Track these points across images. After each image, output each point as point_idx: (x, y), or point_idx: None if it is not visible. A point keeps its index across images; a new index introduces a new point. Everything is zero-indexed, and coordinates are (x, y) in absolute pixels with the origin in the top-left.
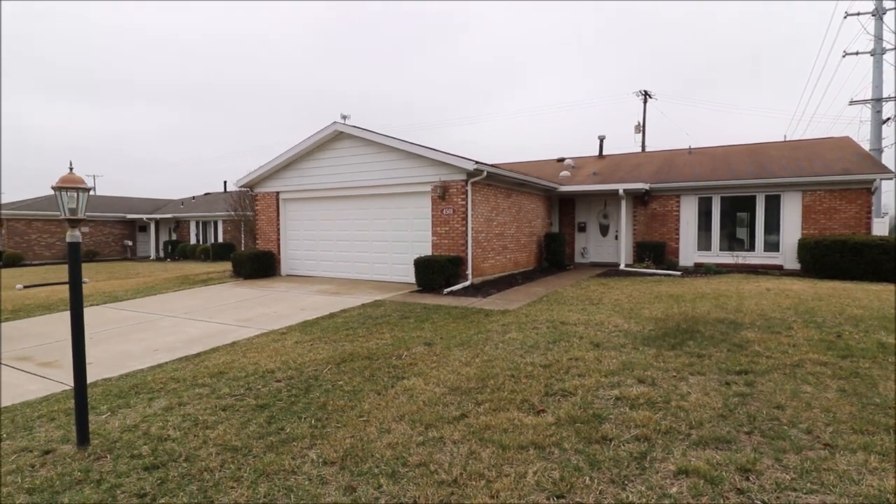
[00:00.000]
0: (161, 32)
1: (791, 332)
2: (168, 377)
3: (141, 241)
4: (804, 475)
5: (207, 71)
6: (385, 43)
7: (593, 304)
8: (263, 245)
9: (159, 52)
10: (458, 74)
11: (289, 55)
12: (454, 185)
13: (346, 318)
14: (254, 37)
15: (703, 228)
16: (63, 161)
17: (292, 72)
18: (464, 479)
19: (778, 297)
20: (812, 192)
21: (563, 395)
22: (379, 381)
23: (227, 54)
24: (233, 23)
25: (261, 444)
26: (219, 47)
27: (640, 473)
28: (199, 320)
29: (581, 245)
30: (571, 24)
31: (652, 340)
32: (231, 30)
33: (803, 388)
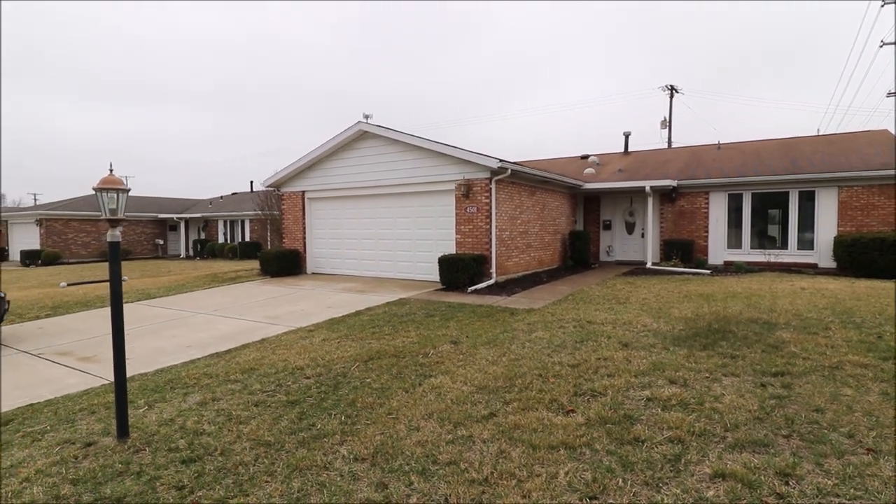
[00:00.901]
0: (189, 36)
1: (828, 332)
2: (201, 373)
3: (171, 239)
4: (847, 481)
5: (234, 73)
6: (407, 42)
7: (620, 303)
8: (289, 243)
9: (189, 55)
10: (480, 72)
11: (312, 56)
12: (478, 184)
13: (371, 315)
14: (279, 38)
15: (733, 226)
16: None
17: (315, 72)
18: (495, 479)
19: (813, 297)
20: (848, 188)
21: (593, 396)
22: (406, 378)
23: (253, 56)
24: (259, 25)
25: (293, 440)
26: (246, 49)
27: (675, 476)
28: (229, 317)
29: (606, 243)
30: (594, 19)
31: (682, 340)
32: (257, 32)
33: (843, 390)
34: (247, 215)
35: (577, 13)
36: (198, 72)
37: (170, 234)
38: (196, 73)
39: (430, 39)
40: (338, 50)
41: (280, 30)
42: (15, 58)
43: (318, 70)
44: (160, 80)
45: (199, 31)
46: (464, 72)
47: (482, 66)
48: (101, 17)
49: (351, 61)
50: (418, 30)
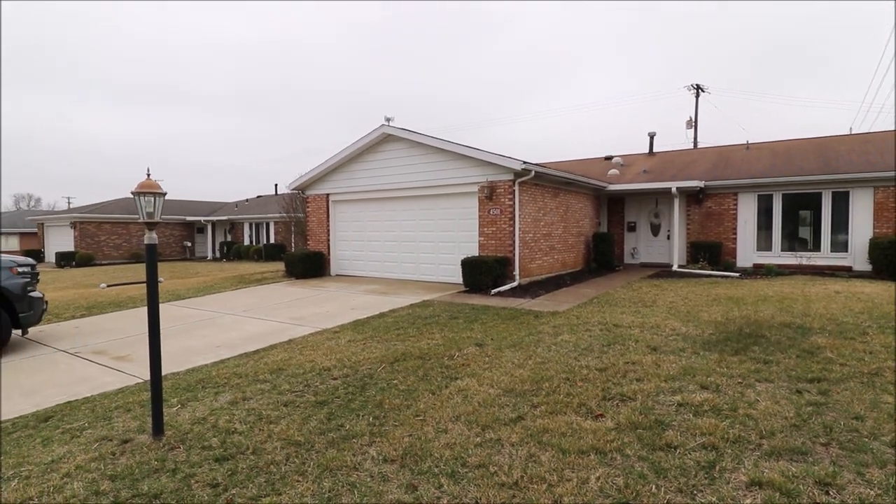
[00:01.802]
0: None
1: (866, 338)
2: (231, 372)
3: (199, 242)
4: (890, 491)
5: (258, 76)
6: (427, 43)
7: (647, 306)
8: (314, 246)
9: (209, 58)
10: (499, 72)
11: (332, 58)
12: (501, 186)
13: (395, 317)
14: (298, 41)
15: (763, 228)
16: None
17: (336, 75)
18: (525, 482)
19: (849, 301)
20: (885, 189)
21: (622, 400)
22: (433, 380)
23: (275, 59)
24: (278, 29)
25: (322, 440)
26: (268, 52)
27: (710, 483)
28: (256, 318)
29: (631, 245)
30: (617, 17)
31: (713, 345)
32: (276, 36)
33: (883, 398)
34: (272, 218)
35: (597, 12)
36: (219, 75)
37: (197, 236)
38: (218, 77)
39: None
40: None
41: (300, 33)
42: (46, 65)
43: (338, 73)
44: (184, 85)
45: (220, 35)
46: (484, 71)
47: (502, 66)
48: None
49: (371, 63)
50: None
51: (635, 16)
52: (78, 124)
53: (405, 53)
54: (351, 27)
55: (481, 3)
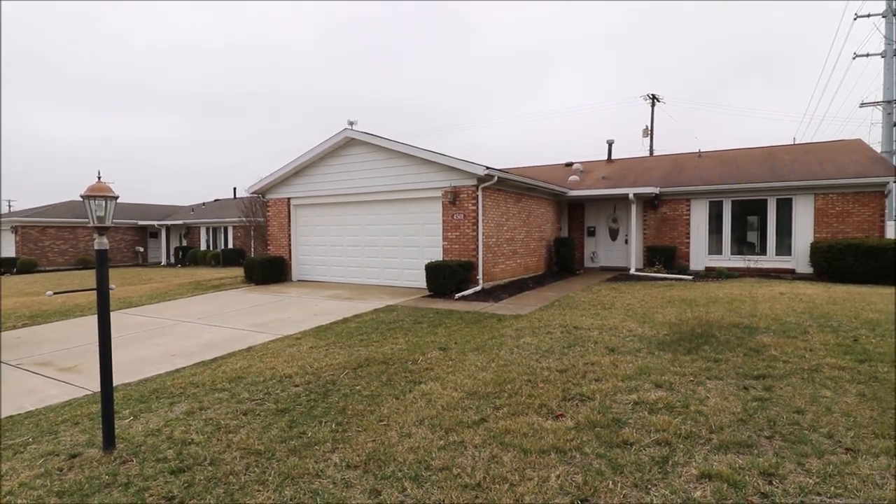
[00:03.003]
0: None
1: (807, 336)
2: (187, 382)
3: (152, 247)
4: (827, 479)
5: (218, 77)
6: (393, 46)
7: (606, 308)
8: (274, 251)
9: (170, 58)
10: (467, 76)
11: (298, 60)
12: (465, 191)
13: (359, 323)
14: (263, 42)
15: (714, 232)
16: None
17: (301, 77)
18: (487, 483)
19: (792, 302)
20: (824, 196)
21: (582, 400)
22: (396, 385)
23: (237, 59)
24: (242, 27)
25: (283, 448)
26: (229, 52)
27: (663, 478)
28: (214, 325)
29: (591, 249)
30: (578, 29)
31: (667, 345)
32: (240, 35)
33: (822, 392)
34: (230, 222)
35: (561, 24)
36: (179, 75)
37: (150, 241)
38: (177, 77)
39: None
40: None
41: (266, 34)
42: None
43: (306, 75)
44: (142, 84)
45: (182, 34)
46: (451, 77)
47: (469, 71)
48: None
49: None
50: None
51: (597, 29)
52: (24, 123)
53: (375, 56)
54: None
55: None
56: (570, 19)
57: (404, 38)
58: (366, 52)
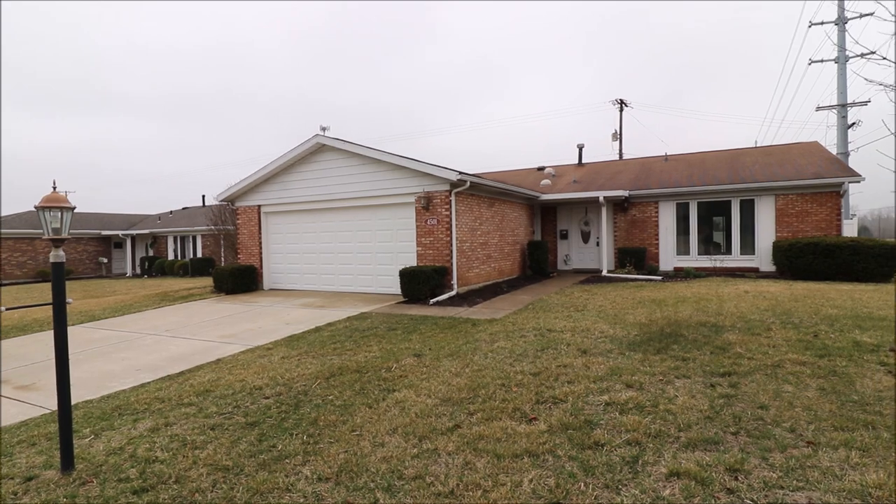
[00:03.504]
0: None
1: (770, 333)
2: (152, 397)
3: (116, 257)
4: (790, 473)
5: (185, 81)
6: (359, 50)
7: (578, 310)
8: (245, 259)
9: (137, 60)
10: (434, 81)
11: (264, 64)
12: (438, 196)
13: (332, 331)
14: (228, 44)
15: (682, 233)
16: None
17: (268, 81)
18: (460, 490)
19: (756, 300)
20: (784, 196)
21: (554, 403)
22: (370, 394)
23: (202, 62)
24: (212, 31)
25: (253, 463)
26: (198, 56)
27: (633, 477)
28: (182, 338)
29: (564, 252)
30: (545, 34)
31: (637, 345)
32: (210, 38)
33: (785, 387)
34: (199, 231)
35: (534, 28)
36: (145, 77)
37: (115, 251)
38: (143, 79)
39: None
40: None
41: (235, 36)
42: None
43: (276, 79)
44: (104, 87)
45: (143, 35)
46: (416, 80)
47: (434, 76)
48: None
49: (304, 70)
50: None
51: (566, 34)
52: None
53: (342, 60)
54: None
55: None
56: (537, 26)
57: (369, 42)
58: (332, 55)
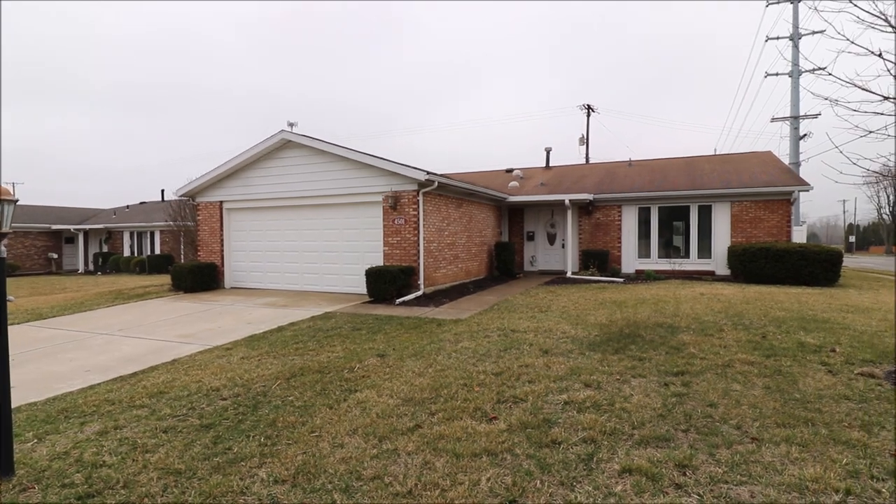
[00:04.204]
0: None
1: (722, 334)
2: (102, 399)
3: (68, 253)
4: (734, 468)
5: (145, 70)
6: (335, 46)
7: (542, 311)
8: (205, 257)
9: (92, 48)
10: (407, 80)
11: (228, 55)
12: (406, 196)
13: (295, 331)
14: (188, 33)
15: (643, 237)
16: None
17: (235, 74)
18: (419, 490)
19: (710, 302)
20: (739, 203)
21: (515, 402)
22: (331, 394)
23: (161, 50)
24: (166, 17)
25: (206, 466)
26: (151, 42)
27: (588, 474)
28: (136, 337)
29: (530, 254)
30: (520, 40)
31: (597, 345)
32: (164, 25)
33: (733, 386)
34: (157, 226)
35: (502, 33)
36: (101, 67)
37: (66, 247)
38: (99, 69)
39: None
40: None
41: (196, 29)
42: None
43: (238, 74)
44: (55, 76)
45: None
46: (392, 79)
47: (409, 74)
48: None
49: (269, 64)
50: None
51: (536, 41)
52: None
53: (308, 56)
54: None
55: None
56: (508, 32)
57: (337, 39)
58: (298, 50)
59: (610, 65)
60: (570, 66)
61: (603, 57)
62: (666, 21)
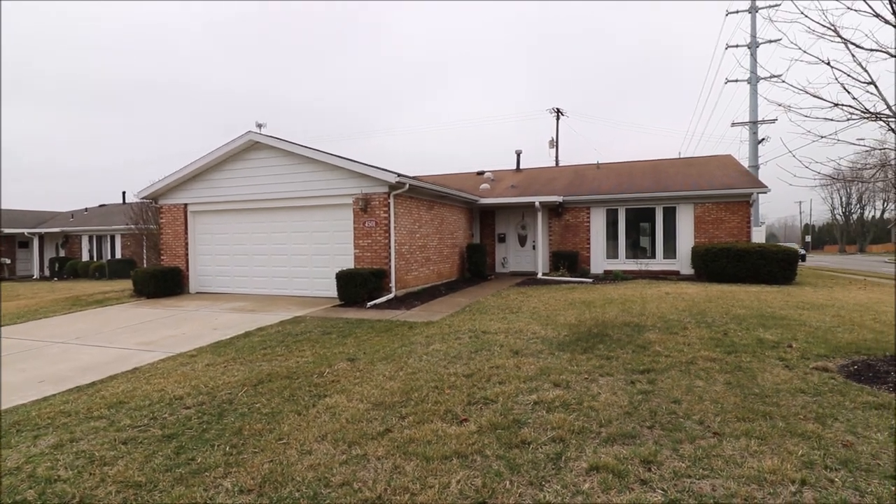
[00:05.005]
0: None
1: (686, 332)
2: (57, 411)
3: (21, 258)
4: (697, 462)
5: (106, 68)
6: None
7: (513, 312)
8: (169, 261)
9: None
10: (378, 81)
11: (194, 53)
12: (376, 198)
13: (263, 336)
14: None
15: (611, 238)
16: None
17: (198, 70)
18: (388, 495)
19: (675, 301)
20: (702, 205)
21: (485, 403)
22: (299, 400)
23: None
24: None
25: (168, 478)
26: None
27: (556, 473)
28: (94, 346)
29: (501, 255)
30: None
31: (567, 345)
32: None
33: (696, 382)
34: (118, 230)
35: (474, 37)
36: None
37: (19, 251)
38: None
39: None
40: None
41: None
42: None
43: (206, 69)
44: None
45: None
46: (360, 81)
47: (381, 74)
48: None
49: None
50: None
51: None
52: None
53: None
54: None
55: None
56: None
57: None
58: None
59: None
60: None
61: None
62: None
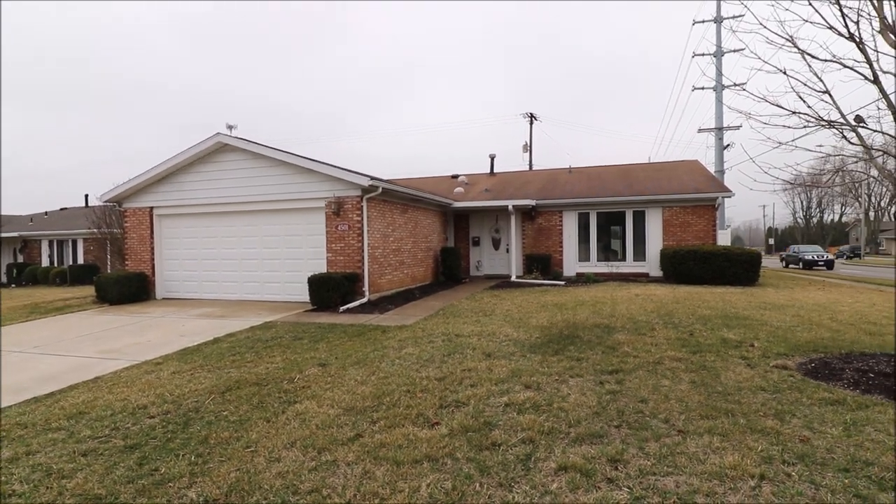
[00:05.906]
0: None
1: (654, 332)
2: (13, 423)
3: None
4: (662, 460)
5: (69, 65)
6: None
7: (486, 315)
8: (134, 266)
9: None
10: (350, 83)
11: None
12: (349, 201)
13: (232, 342)
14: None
15: (583, 241)
16: None
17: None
18: (357, 501)
19: (644, 302)
20: (670, 208)
21: (457, 406)
22: (268, 407)
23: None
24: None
25: (130, 489)
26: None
27: (526, 474)
28: (54, 354)
29: (476, 258)
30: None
31: (538, 347)
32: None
33: (662, 382)
34: (80, 234)
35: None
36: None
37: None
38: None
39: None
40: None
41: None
42: None
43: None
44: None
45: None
46: (334, 82)
47: (353, 76)
48: None
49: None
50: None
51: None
52: None
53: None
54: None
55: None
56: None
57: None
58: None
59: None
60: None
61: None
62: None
